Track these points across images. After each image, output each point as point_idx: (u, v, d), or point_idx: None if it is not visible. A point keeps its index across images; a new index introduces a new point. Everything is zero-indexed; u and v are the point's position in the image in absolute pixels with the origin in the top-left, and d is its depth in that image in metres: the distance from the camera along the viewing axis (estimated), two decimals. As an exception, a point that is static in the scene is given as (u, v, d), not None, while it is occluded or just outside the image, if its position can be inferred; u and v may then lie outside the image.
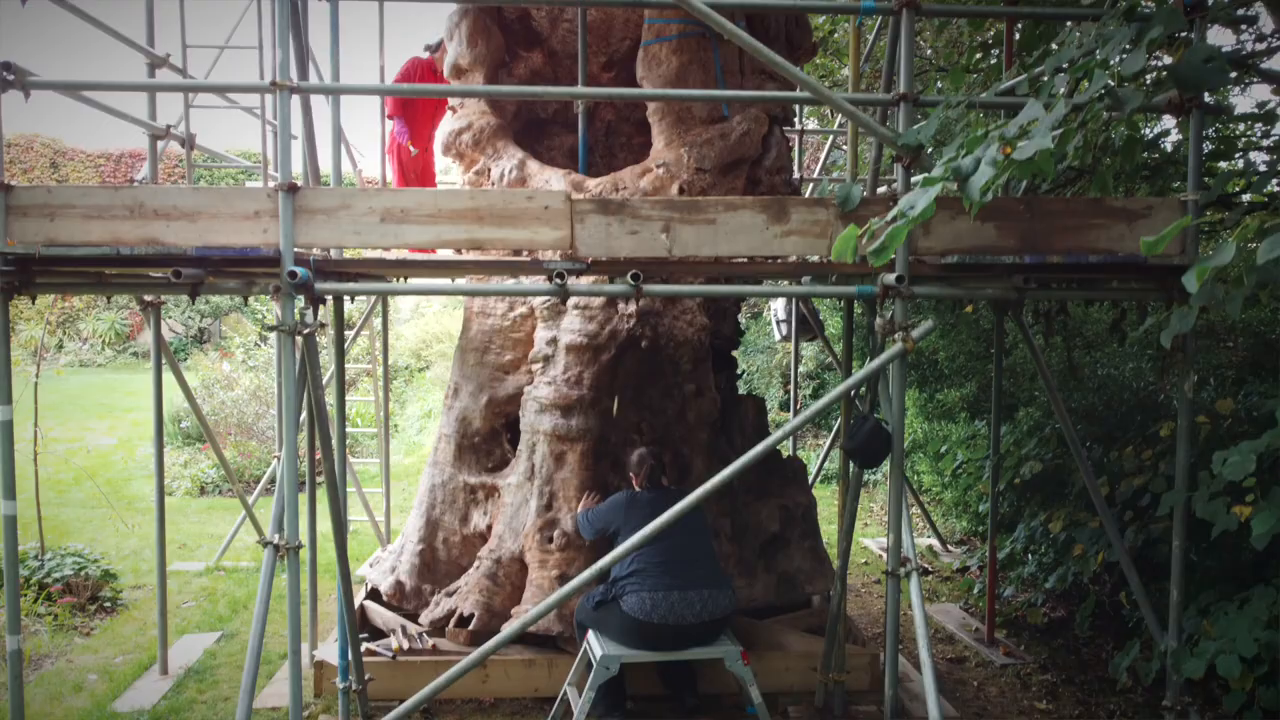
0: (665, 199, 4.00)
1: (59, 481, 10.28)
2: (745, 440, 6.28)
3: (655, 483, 4.89)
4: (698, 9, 3.77)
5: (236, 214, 3.80)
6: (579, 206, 3.91)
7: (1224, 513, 3.69)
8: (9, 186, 3.72)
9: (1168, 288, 4.07)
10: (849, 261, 2.85)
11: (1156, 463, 5.18)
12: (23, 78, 3.74)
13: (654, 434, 5.60)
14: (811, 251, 3.96)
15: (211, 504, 9.66)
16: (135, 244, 3.76)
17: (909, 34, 3.88)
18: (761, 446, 3.88)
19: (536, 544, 5.29)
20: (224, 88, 3.67)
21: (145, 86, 4.20)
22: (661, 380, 5.64)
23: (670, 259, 3.95)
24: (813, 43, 6.61)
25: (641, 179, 5.42)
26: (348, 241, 3.84)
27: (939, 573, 7.41)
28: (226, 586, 7.00)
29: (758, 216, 3.95)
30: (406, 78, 6.86)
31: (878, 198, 4.02)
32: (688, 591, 4.41)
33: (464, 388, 5.93)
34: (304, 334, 3.82)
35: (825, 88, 3.89)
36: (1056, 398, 4.89)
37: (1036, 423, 6.50)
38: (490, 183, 5.77)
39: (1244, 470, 3.30)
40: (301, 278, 3.69)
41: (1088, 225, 3.99)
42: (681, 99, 5.23)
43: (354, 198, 3.84)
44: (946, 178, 2.55)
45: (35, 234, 3.76)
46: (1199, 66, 2.55)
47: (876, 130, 3.87)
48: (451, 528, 5.83)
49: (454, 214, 3.86)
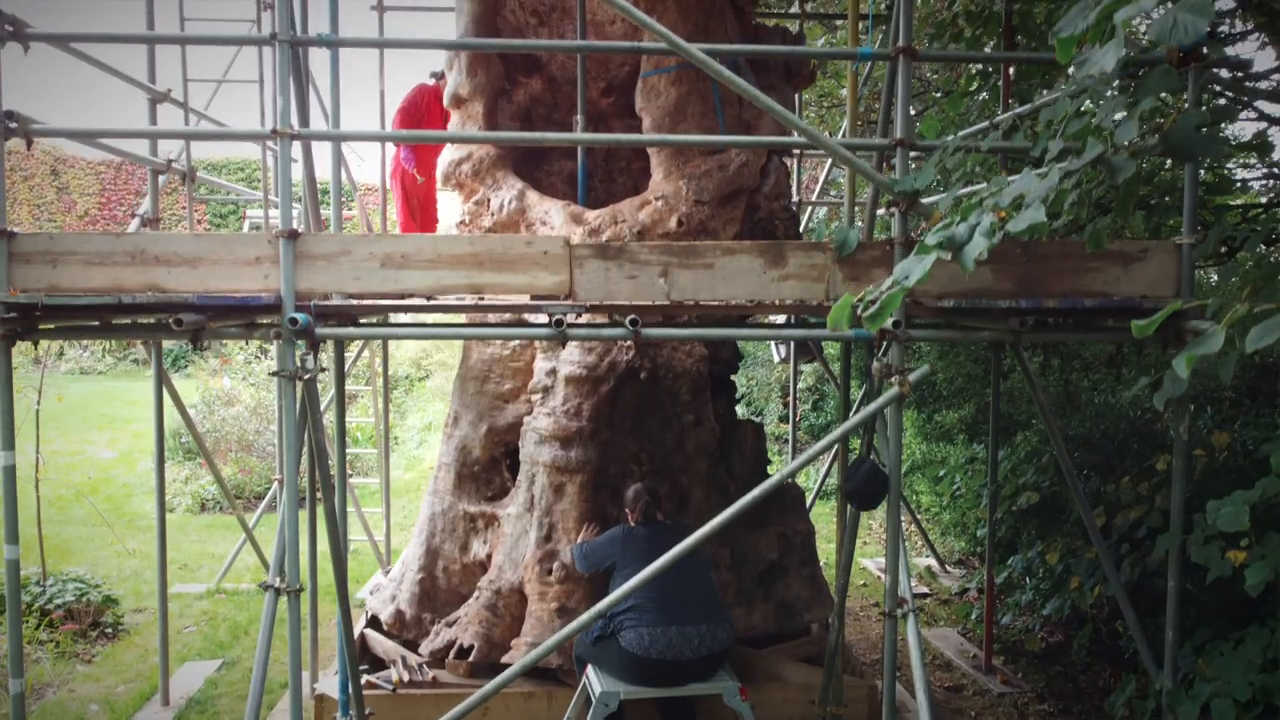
0: (663, 244, 4.03)
1: (60, 498, 10.31)
2: (744, 466, 6.31)
3: (651, 518, 4.92)
4: (696, 58, 3.80)
5: (237, 260, 3.82)
6: (578, 252, 3.93)
7: (1218, 557, 3.71)
8: (11, 233, 3.75)
9: (1164, 330, 4.08)
10: (844, 328, 2.88)
11: (1153, 495, 5.21)
12: (25, 125, 3.77)
13: (653, 464, 5.63)
14: (809, 296, 3.99)
15: (212, 521, 9.69)
16: (137, 290, 3.79)
17: (905, 80, 3.90)
18: (759, 490, 3.90)
19: (536, 576, 5.31)
20: (226, 135, 3.69)
21: (147, 134, 4.23)
22: (660, 410, 5.66)
23: (668, 303, 3.97)
24: (811, 69, 6.63)
25: (640, 211, 5.45)
26: (348, 287, 3.87)
27: (937, 595, 7.44)
28: (227, 610, 7.03)
29: (755, 261, 3.98)
30: (413, 105, 6.88)
31: (875, 242, 4.05)
32: (686, 627, 4.44)
33: (464, 416, 5.96)
34: (304, 379, 3.84)
35: (822, 133, 3.91)
36: (1053, 427, 4.91)
37: (1034, 449, 6.53)
38: (490, 213, 5.79)
39: (1238, 523, 3.33)
40: (302, 324, 3.72)
41: (1083, 268, 4.01)
42: (679, 144, 5.27)
43: (354, 244, 3.86)
44: (941, 246, 2.58)
45: (38, 280, 3.78)
46: (1191, 135, 2.58)
47: (873, 176, 3.89)
48: (451, 556, 5.85)
49: (454, 259, 3.89)
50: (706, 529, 3.89)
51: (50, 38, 3.79)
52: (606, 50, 5.55)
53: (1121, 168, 2.56)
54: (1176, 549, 4.01)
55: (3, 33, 3.69)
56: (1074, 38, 2.34)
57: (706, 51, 3.85)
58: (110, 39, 3.89)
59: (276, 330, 3.79)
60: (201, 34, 4.79)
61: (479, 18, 6.26)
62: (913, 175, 3.80)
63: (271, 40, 3.71)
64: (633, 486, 5.09)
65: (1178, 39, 2.05)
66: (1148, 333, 2.16)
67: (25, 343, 3.95)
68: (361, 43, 3.85)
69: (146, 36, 4.12)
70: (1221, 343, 2.00)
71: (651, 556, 4.23)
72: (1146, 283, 4.06)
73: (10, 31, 3.71)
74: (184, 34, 4.88)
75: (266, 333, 3.86)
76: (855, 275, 4.01)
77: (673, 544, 3.98)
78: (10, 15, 3.69)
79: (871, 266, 4.01)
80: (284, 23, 3.71)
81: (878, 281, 3.96)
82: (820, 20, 8.15)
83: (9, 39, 3.72)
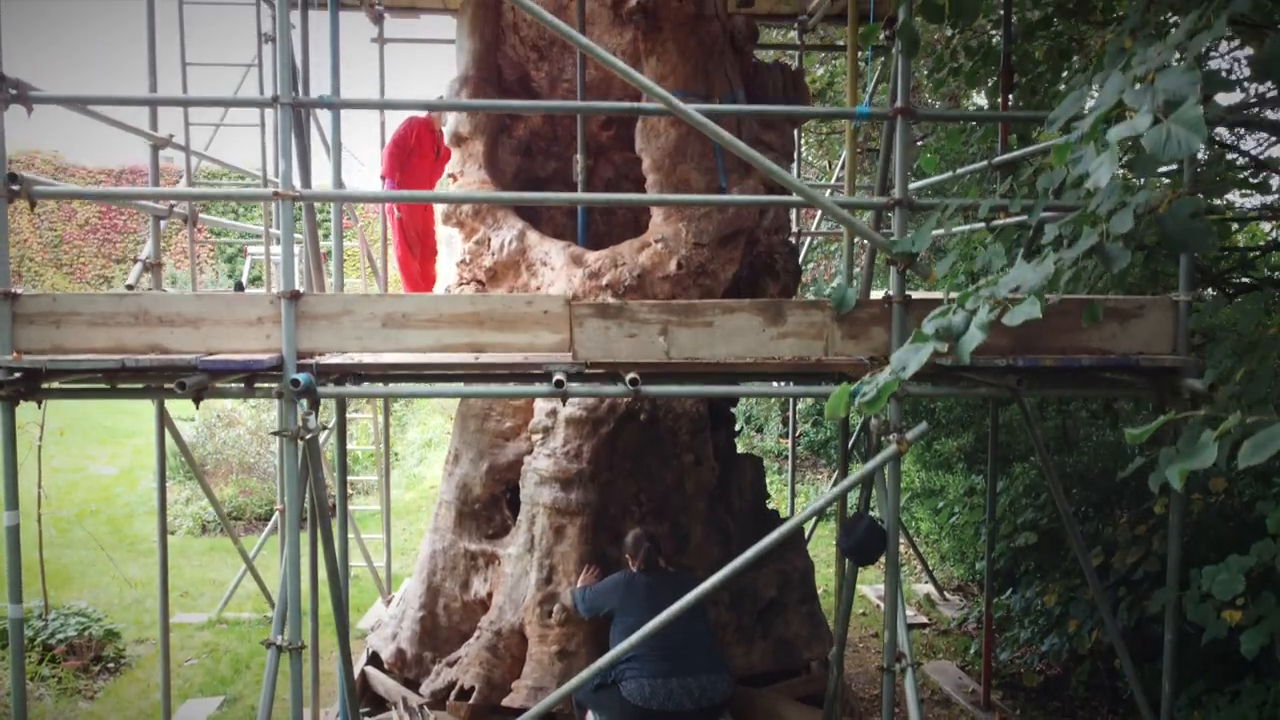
0: (662, 303, 4.05)
1: (60, 520, 10.33)
2: (743, 501, 6.34)
3: (652, 564, 4.94)
4: (695, 120, 3.82)
5: (239, 320, 3.85)
6: (578, 311, 3.96)
7: (1214, 617, 3.73)
8: (15, 295, 3.77)
9: (1160, 387, 4.11)
10: (842, 415, 2.90)
11: (1150, 537, 5.23)
12: (28, 188, 3.79)
13: (652, 505, 5.65)
14: (808, 353, 4.01)
15: (213, 544, 9.71)
16: (140, 351, 3.81)
17: (904, 140, 3.92)
18: (760, 546, 3.93)
19: (536, 618, 5.34)
20: (229, 196, 3.72)
21: (155, 194, 4.23)
22: (660, 450, 5.69)
23: (668, 361, 3.99)
24: (810, 105, 6.66)
25: (640, 254, 5.47)
26: (350, 347, 3.89)
27: (936, 625, 7.46)
28: (229, 642, 7.05)
29: (754, 319, 4.00)
30: (403, 139, 6.88)
31: (873, 300, 4.07)
32: (686, 678, 4.46)
33: (464, 454, 5.98)
34: (306, 439, 3.87)
35: (819, 193, 3.93)
36: (1051, 468, 4.92)
37: (1032, 482, 6.56)
38: (490, 252, 5.81)
39: (1233, 590, 3.35)
40: (304, 384, 3.74)
41: (1080, 325, 4.03)
42: (676, 203, 5.29)
43: (356, 303, 3.89)
44: (938, 335, 2.60)
45: (41, 341, 3.81)
46: (1185, 223, 2.59)
47: (871, 236, 3.92)
48: (452, 594, 5.88)
49: (455, 318, 3.92)
50: (708, 585, 3.92)
51: (55, 100, 3.82)
52: (605, 111, 5.57)
53: (1117, 257, 2.58)
54: (1173, 604, 4.04)
55: (6, 95, 3.71)
56: (1068, 146, 2.37)
57: (705, 113, 3.87)
58: (114, 101, 3.91)
59: (279, 390, 3.81)
60: (203, 95, 4.82)
61: (480, 55, 6.29)
62: (911, 236, 3.82)
63: (273, 103, 3.74)
64: (633, 532, 5.11)
65: (1171, 154, 2.07)
66: (1142, 439, 2.18)
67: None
68: (362, 104, 3.88)
69: (150, 99, 4.14)
70: (1214, 456, 2.02)
71: (652, 606, 4.27)
72: (1144, 339, 4.09)
73: (14, 95, 3.73)
74: (186, 95, 4.90)
75: (269, 390, 3.88)
76: (854, 333, 4.03)
77: (674, 593, 4.01)
78: (15, 79, 3.71)
79: (870, 324, 4.04)
80: (285, 85, 3.74)
81: (876, 341, 4.01)
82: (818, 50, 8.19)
83: (13, 101, 3.75)
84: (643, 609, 4.47)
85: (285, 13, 3.64)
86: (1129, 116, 2.16)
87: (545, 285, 5.54)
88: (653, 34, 5.70)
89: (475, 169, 6.07)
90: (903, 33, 3.80)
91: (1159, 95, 2.17)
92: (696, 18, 5.69)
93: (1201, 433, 2.08)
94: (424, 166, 7.11)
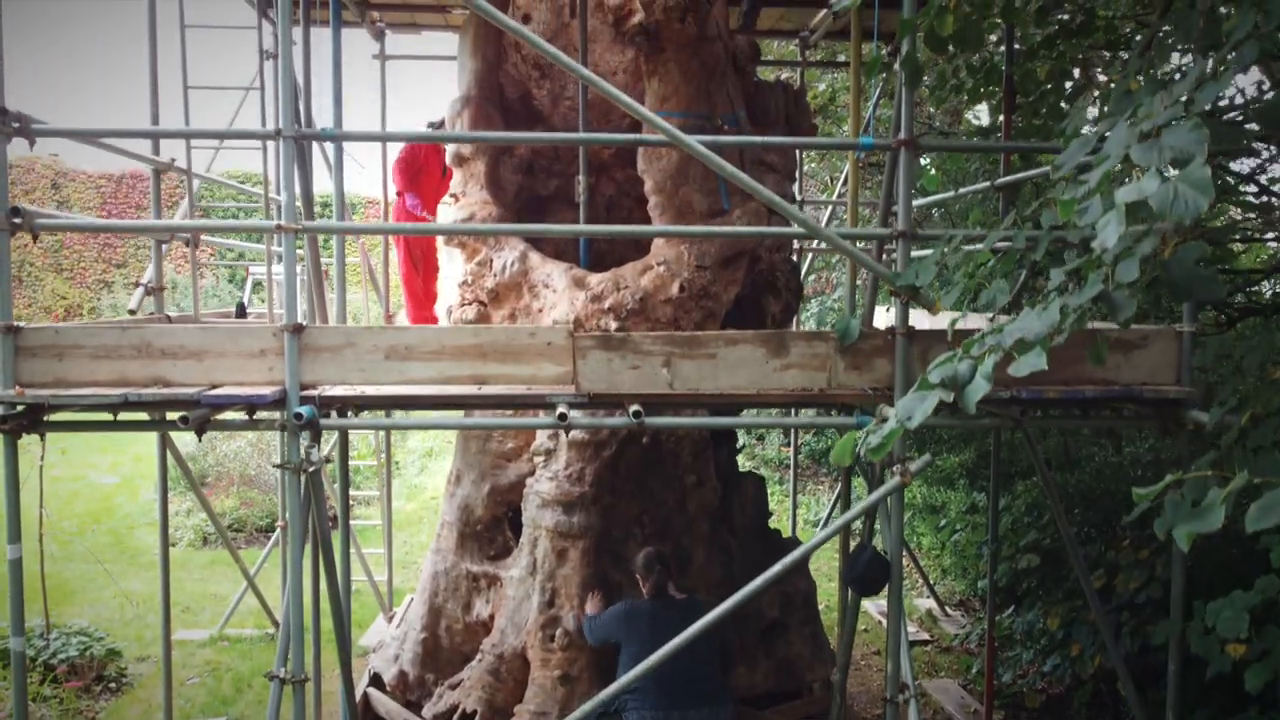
0: (665, 334, 4.05)
1: (62, 531, 10.34)
2: (745, 519, 6.33)
3: (663, 590, 4.82)
4: (698, 152, 3.82)
5: (242, 352, 3.85)
6: (581, 342, 3.96)
7: (1218, 652, 3.73)
8: (17, 328, 3.77)
9: (1164, 418, 4.11)
10: (847, 464, 2.90)
11: (1153, 561, 5.23)
12: (30, 221, 3.78)
13: (655, 526, 5.65)
14: (812, 384, 4.01)
15: (214, 557, 9.70)
16: (143, 383, 3.81)
17: (908, 171, 3.92)
18: (764, 577, 3.94)
19: (539, 642, 5.33)
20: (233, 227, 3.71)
21: (160, 227, 4.23)
22: (662, 472, 5.68)
23: (672, 393, 3.99)
24: (812, 124, 6.65)
25: (643, 277, 5.45)
26: (352, 379, 3.89)
27: (938, 642, 7.46)
28: (230, 660, 7.05)
29: (757, 350, 4.00)
30: (411, 156, 6.89)
31: (876, 331, 4.07)
32: (688, 711, 4.45)
33: (466, 475, 5.97)
34: (309, 471, 3.86)
35: (821, 225, 3.93)
36: (1054, 493, 4.92)
37: (1034, 500, 6.55)
38: (492, 273, 5.79)
39: (1237, 629, 3.34)
40: (307, 417, 3.74)
41: (1084, 356, 4.02)
42: (679, 235, 5.25)
43: (358, 336, 3.88)
44: (944, 385, 2.60)
45: (44, 374, 3.81)
46: (1190, 270, 2.58)
47: (875, 269, 3.91)
48: (454, 615, 5.87)
49: (458, 350, 3.91)
50: (712, 616, 3.92)
51: (58, 133, 3.82)
52: (607, 142, 5.56)
53: (1123, 306, 2.57)
54: (1176, 637, 4.04)
55: (9, 129, 3.71)
56: (1074, 202, 2.36)
57: (707, 144, 3.86)
58: (117, 134, 3.91)
59: (281, 423, 3.81)
60: (206, 128, 4.81)
61: (481, 75, 6.28)
62: (915, 268, 3.81)
63: (275, 136, 3.73)
64: (644, 552, 4.99)
65: (1178, 214, 2.07)
66: (1149, 499, 2.17)
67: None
68: (364, 136, 3.88)
69: (153, 132, 4.14)
70: (1221, 520, 2.01)
71: (656, 638, 4.22)
72: (1148, 370, 4.09)
73: (16, 127, 3.73)
74: (189, 128, 4.90)
75: (272, 423, 3.88)
76: (857, 364, 4.03)
77: (680, 624, 3.99)
78: (17, 112, 3.70)
79: (873, 355, 4.03)
80: (287, 118, 3.73)
81: (879, 373, 4.00)
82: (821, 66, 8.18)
83: (16, 134, 3.74)
84: (647, 639, 4.41)
85: (288, 46, 3.64)
86: (1136, 176, 2.15)
87: (547, 307, 5.53)
88: (655, 55, 5.69)
89: (477, 189, 6.06)
90: (906, 64, 3.80)
91: (1166, 153, 2.17)
92: (699, 39, 5.68)
93: (1208, 491, 2.07)
94: (431, 184, 7.12)
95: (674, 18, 5.50)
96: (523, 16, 6.81)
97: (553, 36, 6.81)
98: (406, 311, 7.03)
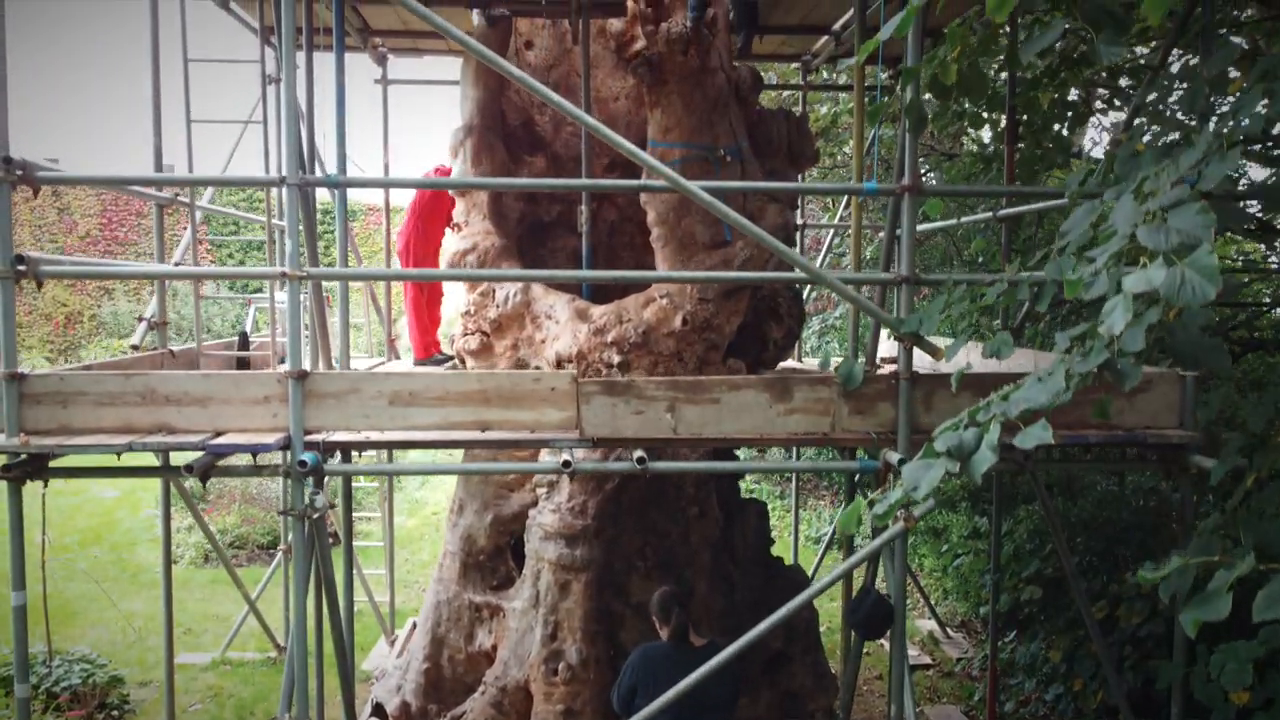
0: (669, 380, 4.06)
1: (64, 548, 10.34)
2: (747, 547, 6.33)
3: (684, 635, 4.40)
4: (704, 200, 3.82)
5: (247, 399, 3.85)
6: (585, 388, 3.96)
7: (1222, 700, 3.73)
8: (22, 375, 3.77)
9: (1167, 462, 4.11)
10: (853, 532, 2.90)
11: (1155, 595, 5.22)
12: (35, 267, 3.79)
13: (657, 559, 5.65)
14: (815, 429, 4.02)
15: (216, 576, 9.69)
16: (147, 429, 3.82)
17: (911, 216, 3.92)
18: (767, 623, 3.94)
19: (541, 675, 5.33)
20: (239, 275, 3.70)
21: (163, 274, 4.23)
22: (664, 504, 5.68)
23: (676, 438, 3.99)
24: (814, 150, 6.65)
25: (645, 309, 5.45)
26: (357, 425, 3.89)
27: (940, 666, 7.46)
28: (233, 685, 7.05)
29: (761, 395, 4.01)
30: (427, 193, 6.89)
31: (879, 376, 4.07)
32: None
33: (469, 505, 5.97)
34: (313, 518, 3.86)
35: (823, 271, 3.93)
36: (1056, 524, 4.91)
37: (1037, 527, 6.55)
38: (495, 304, 5.80)
39: (1241, 682, 3.34)
40: (312, 465, 3.74)
41: (1087, 400, 4.01)
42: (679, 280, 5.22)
43: (363, 381, 3.89)
44: (950, 454, 2.60)
45: (49, 421, 3.81)
46: (1195, 337, 2.59)
47: (879, 315, 3.92)
48: (457, 645, 5.87)
49: (462, 396, 3.92)
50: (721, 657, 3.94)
51: (62, 180, 3.82)
52: (610, 189, 5.56)
53: (1129, 375, 2.58)
54: (1179, 682, 4.04)
55: (13, 176, 3.71)
56: (1080, 282, 2.37)
57: (709, 190, 3.87)
58: (122, 181, 3.91)
59: (285, 470, 3.82)
60: (212, 175, 4.82)
61: (484, 104, 6.28)
62: (919, 315, 3.82)
63: (280, 183, 3.73)
64: (659, 594, 4.58)
65: (1186, 300, 2.07)
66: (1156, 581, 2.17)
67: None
68: (367, 183, 3.90)
69: (157, 179, 4.14)
70: (1229, 608, 2.01)
71: (670, 685, 4.09)
72: (1151, 413, 4.09)
73: (20, 175, 3.73)
74: (192, 175, 4.89)
75: (275, 469, 3.89)
76: (860, 409, 4.03)
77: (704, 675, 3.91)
78: (21, 160, 3.71)
79: (877, 400, 4.04)
80: (292, 166, 3.74)
81: (882, 417, 4.00)
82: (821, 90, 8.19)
83: (20, 181, 3.75)
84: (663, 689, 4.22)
85: (292, 96, 3.64)
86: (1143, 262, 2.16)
87: (549, 339, 5.54)
88: (657, 87, 5.69)
89: (480, 219, 6.06)
90: (909, 112, 3.80)
91: (1173, 236, 2.17)
92: (701, 71, 5.68)
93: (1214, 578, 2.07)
94: (440, 213, 7.10)
95: (677, 50, 5.49)
96: (525, 43, 6.83)
97: (555, 63, 6.84)
98: (410, 336, 7.04)
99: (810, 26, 6.78)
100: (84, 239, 23.59)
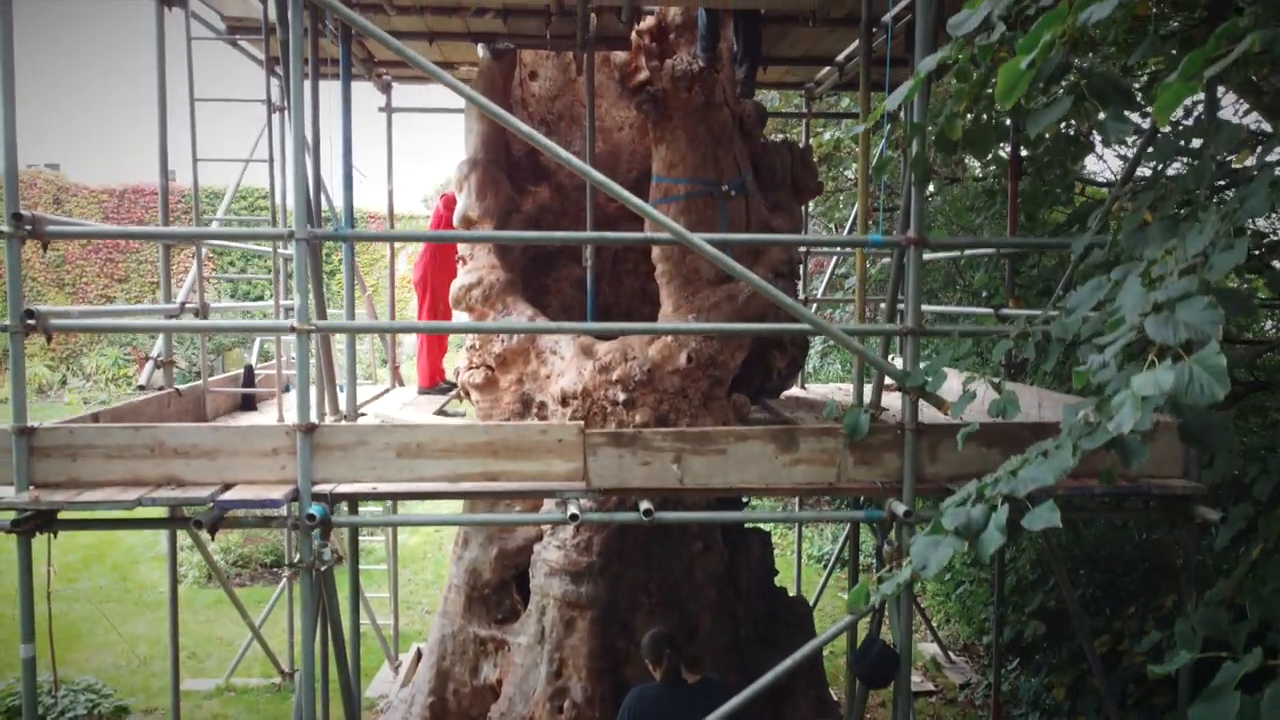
0: (676, 431, 4.07)
1: (68, 565, 10.36)
2: (750, 579, 6.34)
3: (676, 675, 4.46)
4: (710, 253, 3.83)
5: (255, 451, 3.87)
6: (591, 439, 3.97)
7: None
8: (31, 429, 3.79)
9: (1171, 511, 4.13)
10: (861, 610, 2.92)
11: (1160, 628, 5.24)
12: (44, 321, 3.80)
13: (661, 594, 5.67)
14: (820, 479, 4.03)
15: (219, 597, 9.65)
16: (156, 482, 3.83)
17: (916, 269, 3.94)
18: (771, 675, 3.96)
19: (546, 713, 5.35)
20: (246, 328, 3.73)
21: (167, 328, 4.25)
22: (669, 539, 5.70)
23: (682, 488, 4.01)
24: (818, 182, 6.67)
25: (650, 347, 5.47)
26: (364, 477, 3.91)
27: (943, 693, 7.47)
28: (237, 712, 7.07)
29: (767, 446, 4.02)
30: (440, 215, 6.96)
31: (885, 426, 4.09)
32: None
33: (474, 538, 5.99)
34: (321, 569, 3.88)
35: (828, 323, 3.95)
36: (1061, 568, 4.94)
37: (1039, 556, 6.56)
38: (500, 339, 5.81)
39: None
40: (319, 518, 3.76)
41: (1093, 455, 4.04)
42: (683, 332, 5.22)
43: (370, 434, 3.90)
44: (958, 533, 2.62)
45: (58, 474, 3.83)
46: (1203, 416, 2.60)
47: (883, 366, 3.93)
48: (461, 679, 5.90)
49: (469, 448, 3.93)
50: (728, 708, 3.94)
51: (70, 234, 3.84)
52: (615, 242, 5.58)
53: (1136, 452, 2.59)
54: (1184, 731, 4.06)
55: (23, 233, 3.72)
56: (1088, 373, 2.38)
57: (712, 241, 3.89)
58: (128, 235, 3.93)
59: (293, 522, 3.83)
60: (219, 230, 4.83)
61: (488, 137, 6.31)
62: (925, 367, 3.83)
63: (288, 238, 3.75)
64: (649, 635, 4.66)
65: (1193, 398, 2.09)
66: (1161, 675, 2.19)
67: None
68: (372, 236, 3.94)
69: (166, 234, 4.15)
70: (1238, 707, 2.03)
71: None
72: (1154, 462, 4.10)
73: (30, 230, 3.75)
74: (199, 228, 4.91)
75: (283, 522, 3.90)
76: (866, 459, 4.05)
77: (697, 712, 3.96)
78: (30, 215, 3.72)
79: (882, 450, 4.05)
80: (300, 221, 3.75)
81: (888, 467, 4.01)
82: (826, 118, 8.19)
83: (29, 237, 3.76)
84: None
85: (301, 152, 3.66)
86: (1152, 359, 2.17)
87: (555, 374, 5.55)
88: (662, 122, 5.71)
89: (485, 252, 6.08)
90: (915, 166, 3.81)
91: (1181, 330, 2.19)
92: (706, 106, 5.70)
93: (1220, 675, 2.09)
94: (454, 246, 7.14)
95: (681, 86, 5.52)
96: (530, 74, 6.86)
97: (559, 93, 6.86)
98: (418, 364, 7.09)
99: (814, 58, 6.80)
100: (85, 246, 23.57)
